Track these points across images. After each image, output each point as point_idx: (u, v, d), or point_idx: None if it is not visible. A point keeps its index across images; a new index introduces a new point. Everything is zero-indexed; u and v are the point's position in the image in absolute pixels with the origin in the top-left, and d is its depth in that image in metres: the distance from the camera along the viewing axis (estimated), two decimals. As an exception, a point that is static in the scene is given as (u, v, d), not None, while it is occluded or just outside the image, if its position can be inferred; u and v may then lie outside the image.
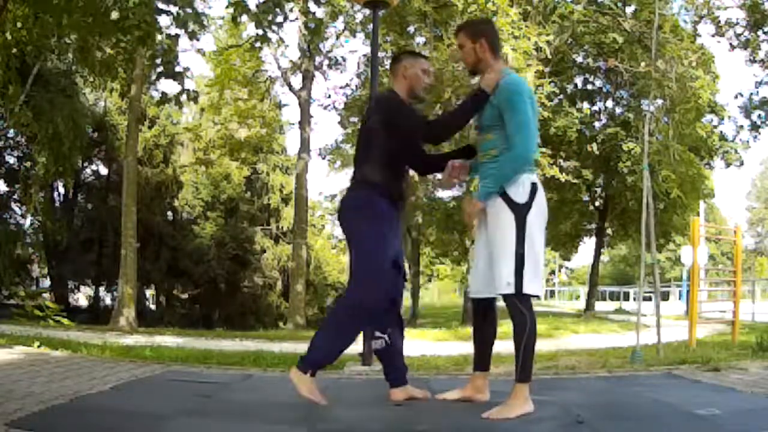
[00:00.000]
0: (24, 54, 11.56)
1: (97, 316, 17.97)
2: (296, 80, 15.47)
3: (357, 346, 4.75)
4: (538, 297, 2.81)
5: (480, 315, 3.03)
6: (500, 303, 2.93)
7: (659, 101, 12.03)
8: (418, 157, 3.19)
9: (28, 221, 18.84)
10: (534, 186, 2.80)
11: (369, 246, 2.92)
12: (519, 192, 2.77)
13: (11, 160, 18.78)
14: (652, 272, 5.61)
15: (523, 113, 2.76)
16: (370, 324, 3.04)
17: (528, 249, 2.73)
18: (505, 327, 2.97)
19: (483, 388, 3.01)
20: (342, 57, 16.32)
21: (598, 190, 18.60)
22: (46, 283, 21.28)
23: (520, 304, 2.73)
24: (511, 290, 2.71)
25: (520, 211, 2.75)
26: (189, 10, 5.67)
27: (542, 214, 2.83)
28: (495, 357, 3.12)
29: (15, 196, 18.50)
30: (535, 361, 2.83)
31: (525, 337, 2.70)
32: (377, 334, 3.06)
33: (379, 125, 2.99)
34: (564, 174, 12.23)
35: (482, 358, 3.04)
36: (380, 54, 11.55)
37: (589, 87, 17.23)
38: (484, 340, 3.03)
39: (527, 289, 2.72)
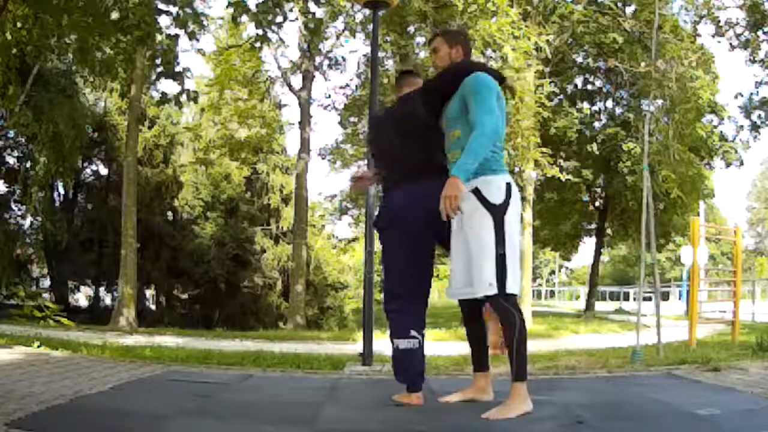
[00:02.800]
0: (24, 54, 11.57)
1: (97, 316, 17.94)
2: (296, 80, 15.46)
3: (357, 346, 4.76)
4: (517, 295, 2.81)
5: (470, 316, 3.02)
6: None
7: (659, 101, 12.05)
8: None
9: (28, 221, 18.86)
10: (509, 186, 2.81)
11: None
12: (495, 193, 2.76)
13: (11, 160, 18.78)
14: (652, 272, 5.61)
15: (487, 100, 2.77)
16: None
17: (508, 249, 2.73)
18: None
19: (486, 388, 3.02)
20: (342, 57, 16.31)
21: (598, 190, 18.61)
22: (46, 283, 21.27)
23: (505, 303, 2.73)
24: (493, 291, 2.70)
25: (498, 212, 2.74)
26: (189, 10, 5.68)
27: (518, 213, 2.86)
28: (492, 357, 3.11)
29: (15, 196, 18.50)
30: (533, 360, 2.84)
31: (516, 336, 2.70)
32: (413, 332, 2.96)
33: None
34: (564, 174, 12.23)
35: (480, 359, 3.04)
36: (380, 54, 11.55)
37: (589, 87, 17.23)
38: (478, 340, 3.03)
39: (510, 289, 2.72)
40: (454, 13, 11.02)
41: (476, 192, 2.77)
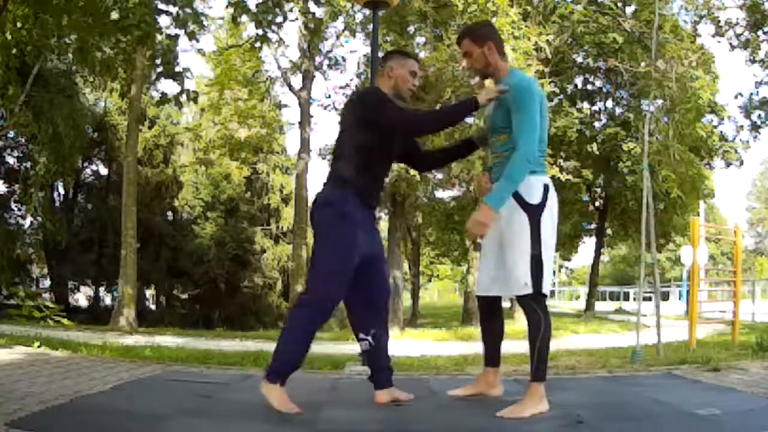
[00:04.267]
0: (24, 54, 11.55)
1: (97, 316, 17.97)
2: (296, 80, 15.46)
3: (357, 346, 4.76)
4: (547, 296, 2.81)
5: (487, 312, 3.04)
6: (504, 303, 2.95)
7: (659, 101, 12.03)
8: (411, 153, 3.18)
9: (28, 221, 18.86)
10: (546, 187, 2.81)
11: (329, 251, 2.85)
12: (533, 193, 2.77)
13: (11, 160, 18.81)
14: (652, 272, 5.61)
15: (531, 113, 2.75)
16: (317, 328, 2.92)
17: (543, 250, 2.74)
18: (511, 326, 2.98)
19: (495, 384, 3.04)
20: (342, 57, 16.32)
21: (598, 190, 18.60)
22: (46, 283, 21.30)
23: (535, 304, 2.74)
24: (528, 290, 2.71)
25: (534, 212, 2.75)
26: (189, 10, 5.68)
27: (554, 215, 2.83)
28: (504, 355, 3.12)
29: (15, 196, 18.50)
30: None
31: (540, 337, 2.71)
32: (360, 335, 3.01)
33: (359, 122, 2.91)
34: (564, 174, 12.22)
35: (492, 355, 3.06)
36: (380, 54, 11.53)
37: (589, 87, 17.23)
38: (492, 336, 3.05)
39: (544, 289, 2.74)
40: (454, 13, 11.02)
41: (514, 191, 2.78)
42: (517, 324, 9.09)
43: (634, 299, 25.19)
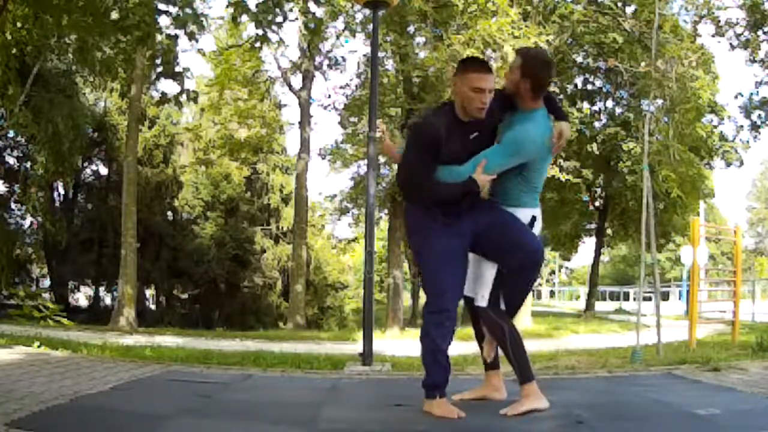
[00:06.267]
0: (24, 54, 11.54)
1: (97, 316, 17.94)
2: (296, 80, 15.47)
3: (357, 346, 4.77)
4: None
5: (474, 316, 3.06)
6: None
7: (659, 101, 12.02)
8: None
9: (28, 221, 18.86)
10: (533, 219, 2.90)
11: (426, 264, 2.88)
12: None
13: (11, 160, 18.79)
14: (652, 272, 5.61)
15: (510, 157, 2.79)
16: (453, 327, 2.89)
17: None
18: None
19: (499, 386, 3.06)
20: (342, 57, 16.31)
21: (598, 190, 18.60)
22: (46, 283, 21.28)
23: (493, 314, 2.86)
24: (484, 304, 2.86)
25: None
26: (188, 11, 5.67)
27: None
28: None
29: (15, 196, 18.50)
30: (532, 360, 2.89)
31: (508, 342, 2.80)
32: None
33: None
34: (564, 174, 12.22)
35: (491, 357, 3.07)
36: (380, 54, 11.54)
37: (589, 87, 17.22)
38: (485, 338, 3.05)
39: (502, 305, 2.88)
40: (454, 12, 11.02)
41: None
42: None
43: (634, 299, 25.19)
